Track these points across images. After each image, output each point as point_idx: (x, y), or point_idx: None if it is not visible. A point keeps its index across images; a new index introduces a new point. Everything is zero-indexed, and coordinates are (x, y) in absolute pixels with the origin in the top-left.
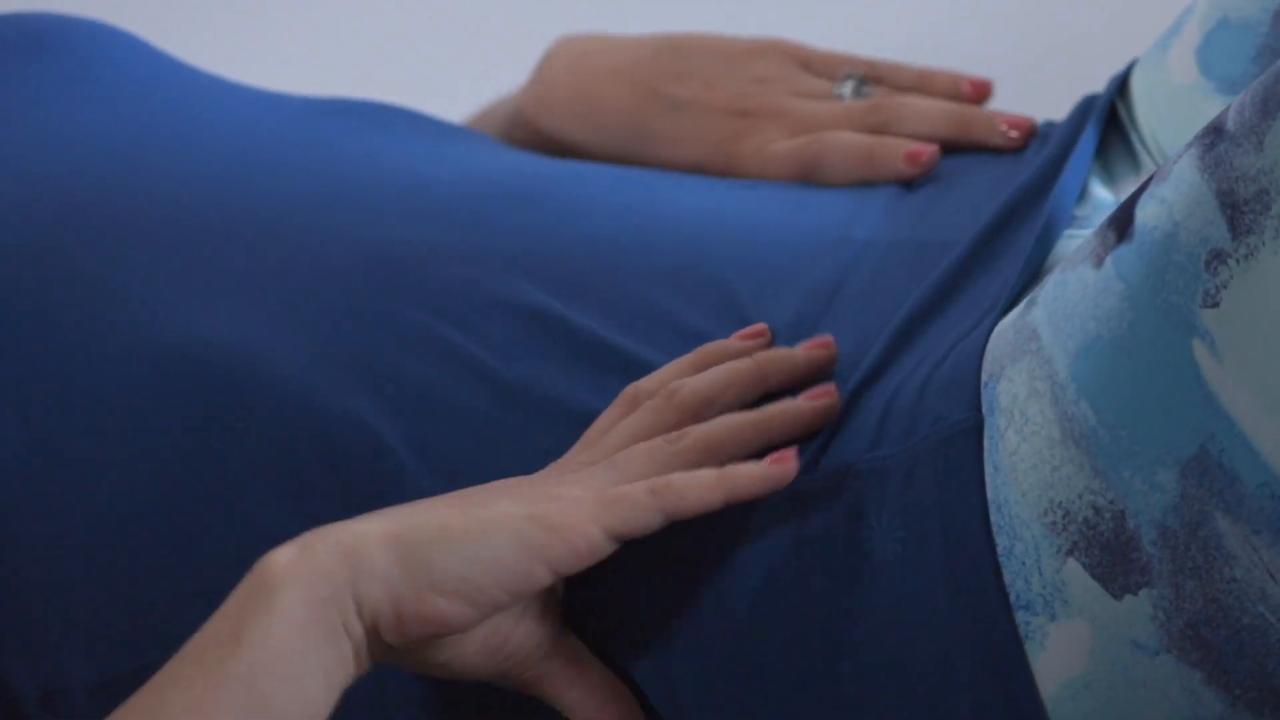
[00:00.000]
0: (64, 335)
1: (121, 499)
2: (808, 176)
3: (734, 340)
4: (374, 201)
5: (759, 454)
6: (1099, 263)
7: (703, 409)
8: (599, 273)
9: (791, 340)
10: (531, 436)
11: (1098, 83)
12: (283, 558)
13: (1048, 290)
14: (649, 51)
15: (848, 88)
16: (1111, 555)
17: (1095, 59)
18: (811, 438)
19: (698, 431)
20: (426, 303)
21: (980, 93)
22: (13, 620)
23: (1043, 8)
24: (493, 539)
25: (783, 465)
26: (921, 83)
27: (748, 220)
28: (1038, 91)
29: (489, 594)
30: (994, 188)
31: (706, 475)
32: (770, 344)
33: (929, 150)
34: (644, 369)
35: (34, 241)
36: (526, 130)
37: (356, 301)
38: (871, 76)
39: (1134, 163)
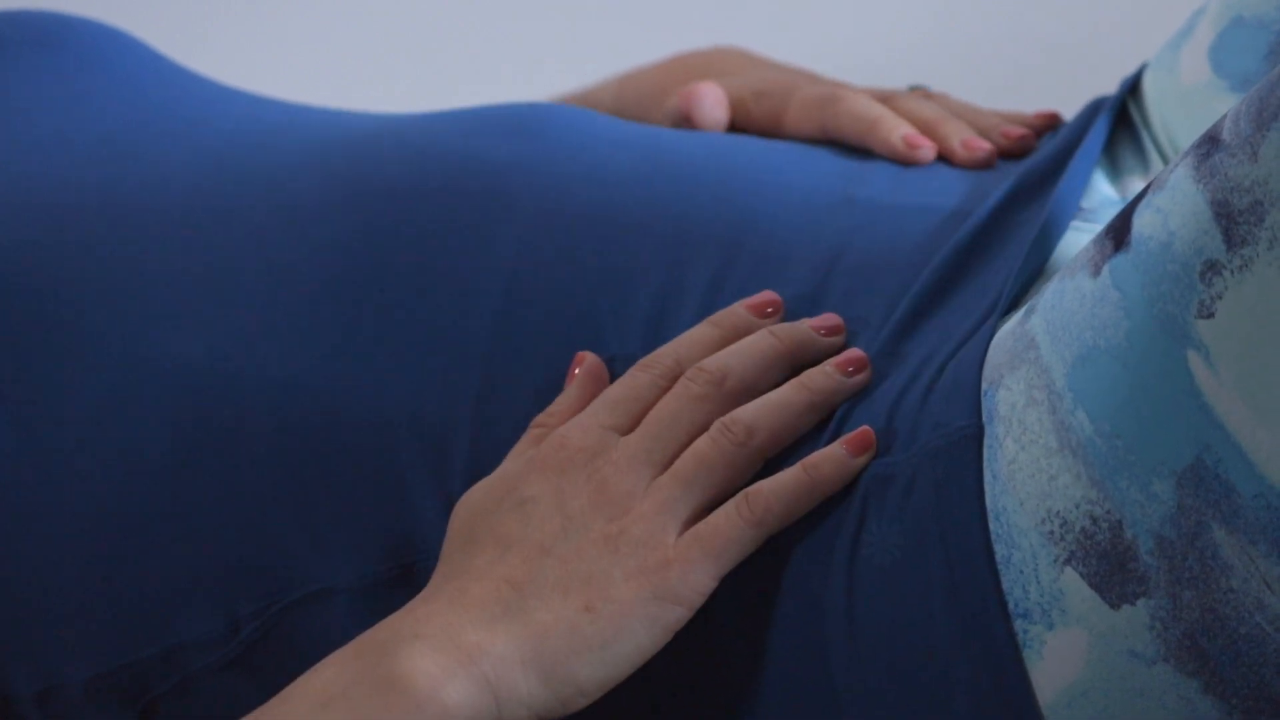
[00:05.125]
0: (57, 337)
1: (114, 495)
2: (822, 120)
3: (750, 313)
4: (369, 154)
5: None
6: (1096, 272)
7: (746, 396)
8: (602, 220)
9: (794, 315)
10: (522, 418)
11: (1105, 85)
12: (421, 681)
13: (1046, 299)
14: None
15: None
16: (1109, 565)
17: (1102, 61)
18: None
19: (765, 430)
20: (415, 267)
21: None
22: (6, 618)
23: (1049, 9)
24: (631, 634)
25: (866, 447)
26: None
27: (750, 168)
28: (1044, 93)
29: (625, 673)
30: (1001, 166)
31: (790, 478)
32: (782, 315)
33: (924, 141)
34: (632, 340)
35: (30, 243)
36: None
37: (349, 274)
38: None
39: (1143, 161)
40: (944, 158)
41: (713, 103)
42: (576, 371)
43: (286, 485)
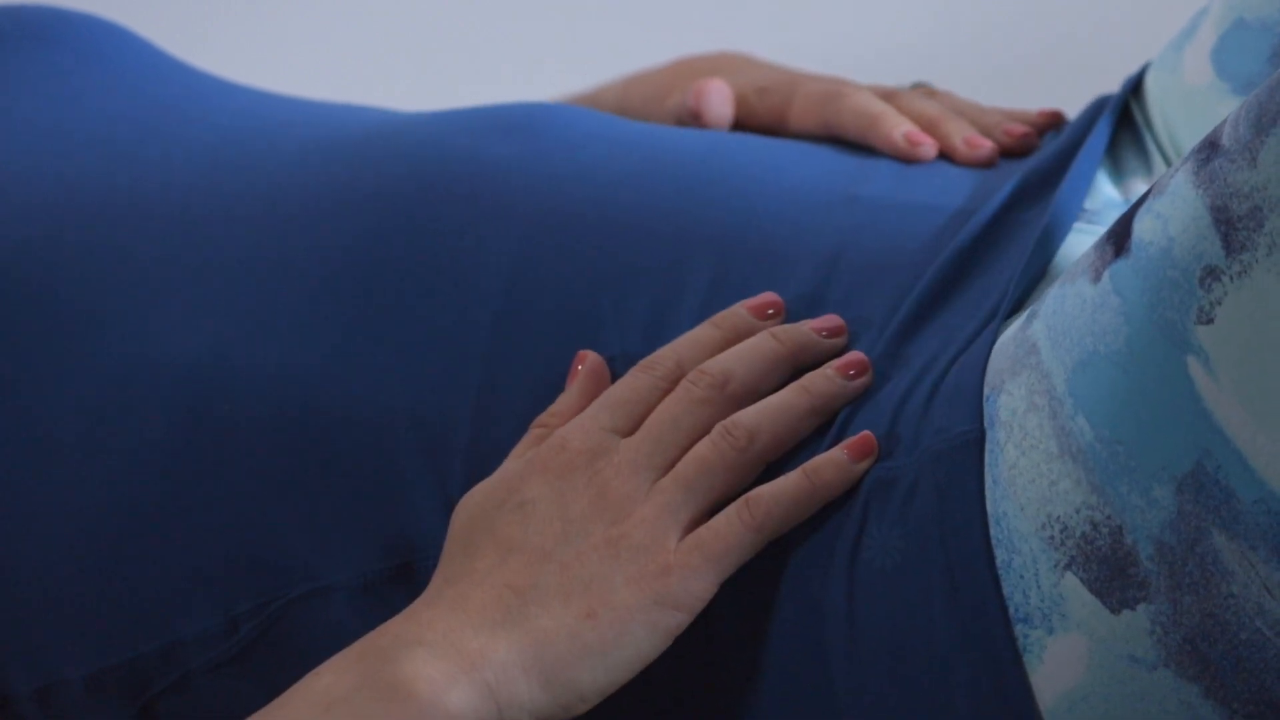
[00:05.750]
0: (56, 333)
1: (112, 491)
2: (824, 116)
3: (751, 315)
4: (370, 152)
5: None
6: (1096, 277)
7: (748, 399)
8: (600, 217)
9: (795, 314)
10: (522, 417)
11: (1107, 84)
12: (424, 687)
13: (1047, 304)
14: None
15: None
16: (1109, 570)
17: (1104, 60)
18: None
19: (767, 434)
20: (419, 250)
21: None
22: (4, 616)
23: (1050, 7)
24: (632, 640)
25: (867, 452)
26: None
27: (750, 165)
28: (1045, 92)
29: (625, 679)
30: (1003, 165)
31: (791, 483)
32: (783, 317)
33: (925, 139)
34: (633, 339)
35: (28, 240)
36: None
37: (350, 267)
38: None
39: (1146, 162)
40: (946, 156)
41: (720, 99)
42: (578, 370)
43: (285, 482)
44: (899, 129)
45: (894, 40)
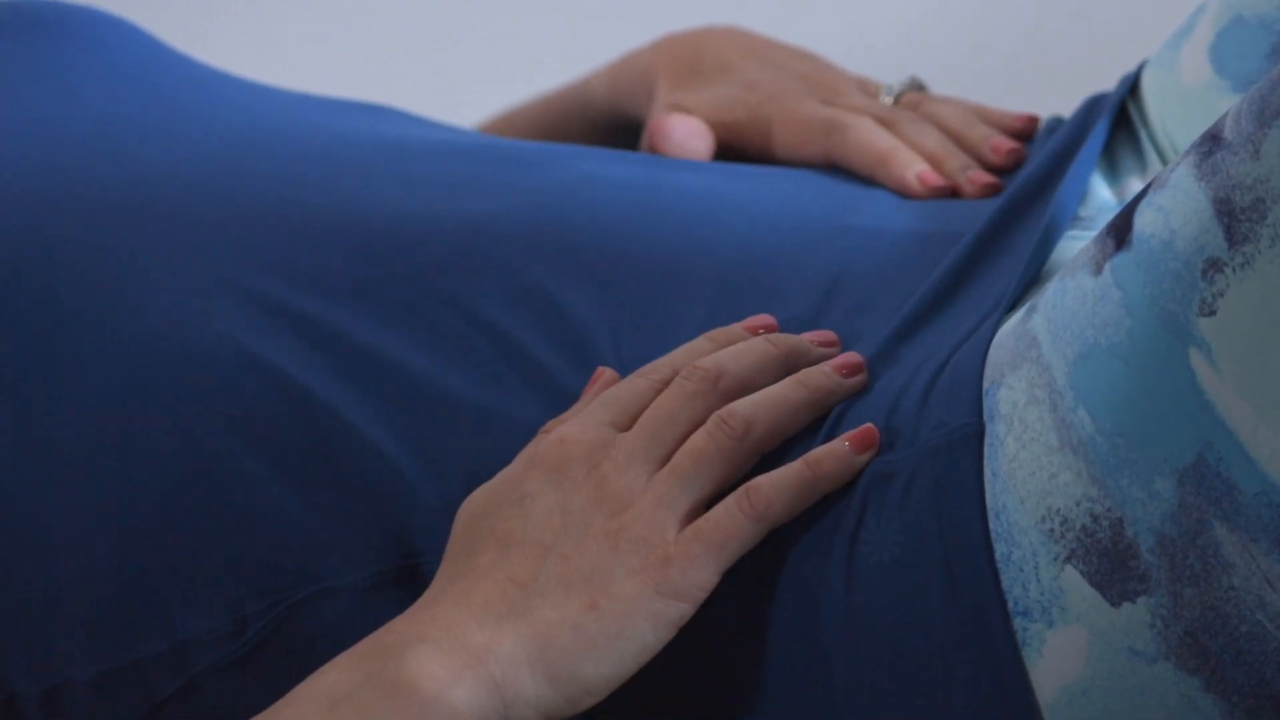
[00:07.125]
0: (61, 329)
1: (118, 489)
2: (827, 148)
3: (745, 331)
4: (372, 174)
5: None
6: (1098, 270)
7: (741, 395)
8: (599, 252)
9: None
10: (517, 434)
11: (1103, 81)
12: (428, 684)
13: (1048, 297)
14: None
15: (894, 90)
16: (1109, 563)
17: (1101, 57)
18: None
19: (763, 424)
20: (420, 278)
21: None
22: (9, 616)
23: (1048, 6)
24: (636, 631)
25: (869, 444)
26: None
27: (747, 202)
28: (1043, 89)
29: (630, 671)
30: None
31: (792, 473)
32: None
33: (938, 180)
34: (633, 366)
35: (27, 229)
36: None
37: (351, 285)
38: (915, 98)
39: (1141, 162)
40: (951, 192)
41: (683, 136)
42: (590, 390)
43: (291, 483)
44: (910, 169)
45: (890, 36)
